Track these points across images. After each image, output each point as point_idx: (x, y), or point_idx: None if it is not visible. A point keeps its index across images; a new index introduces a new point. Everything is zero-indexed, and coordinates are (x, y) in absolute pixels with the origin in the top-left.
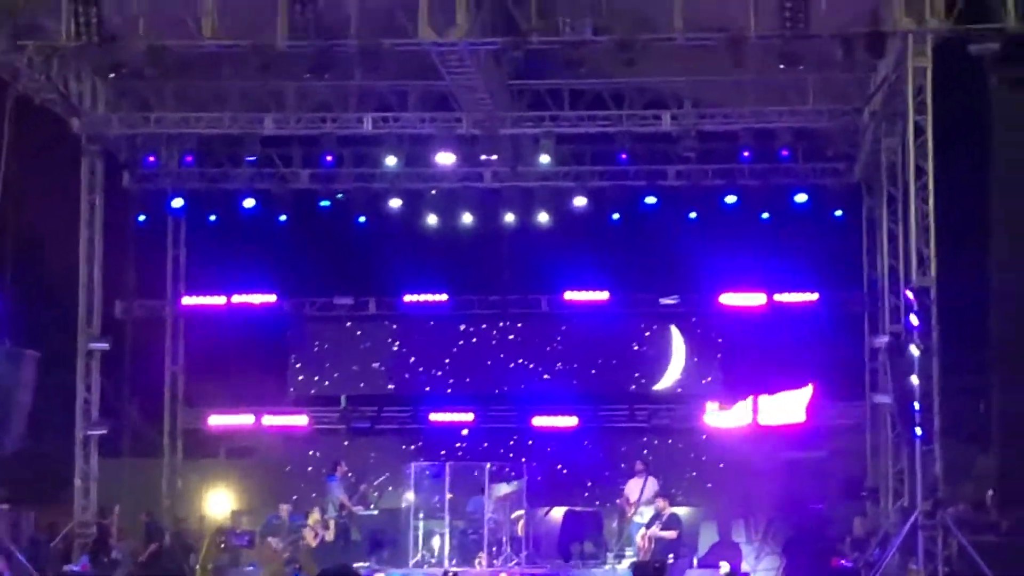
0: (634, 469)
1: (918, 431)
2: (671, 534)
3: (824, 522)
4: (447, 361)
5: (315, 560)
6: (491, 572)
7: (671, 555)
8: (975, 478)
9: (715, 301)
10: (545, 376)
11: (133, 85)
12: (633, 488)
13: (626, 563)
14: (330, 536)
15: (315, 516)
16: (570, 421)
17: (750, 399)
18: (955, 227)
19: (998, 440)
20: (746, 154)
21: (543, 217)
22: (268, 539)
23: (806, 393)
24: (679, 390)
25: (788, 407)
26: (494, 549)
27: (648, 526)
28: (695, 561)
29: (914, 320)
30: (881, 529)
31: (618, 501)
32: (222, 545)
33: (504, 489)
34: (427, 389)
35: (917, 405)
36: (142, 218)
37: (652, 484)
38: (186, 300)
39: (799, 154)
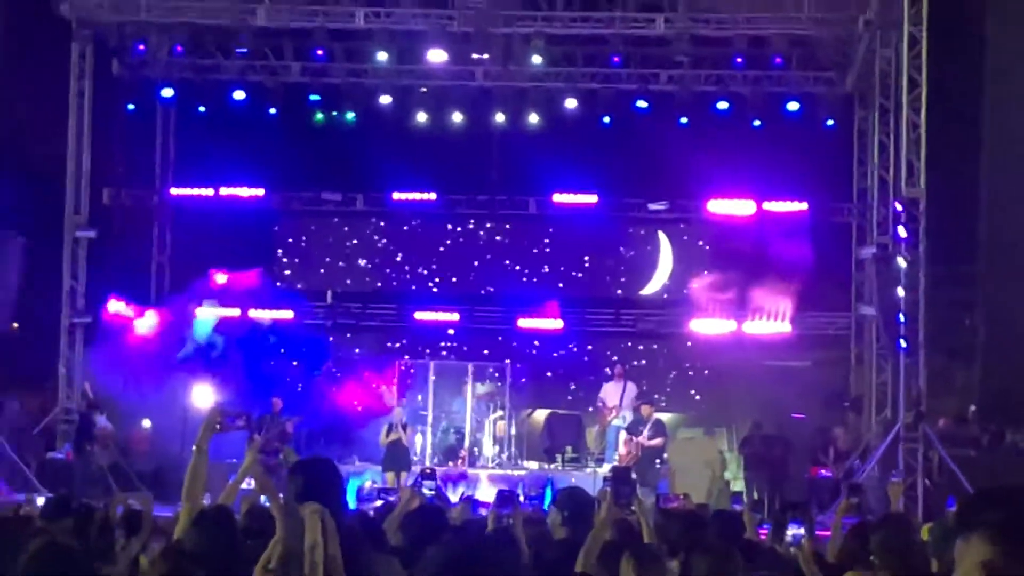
0: (612, 373)
1: (902, 343)
2: (659, 442)
3: (804, 431)
4: (434, 260)
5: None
6: (470, 472)
7: (657, 460)
8: (958, 392)
9: (703, 208)
10: (532, 279)
11: None
12: (611, 392)
13: (606, 467)
14: None
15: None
16: (555, 324)
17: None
18: (946, 140)
19: (982, 355)
20: (739, 60)
21: (533, 118)
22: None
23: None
24: (665, 296)
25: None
26: (476, 449)
27: (629, 431)
28: None
29: (902, 231)
30: (863, 440)
31: (598, 405)
32: (217, 427)
33: (482, 389)
34: (413, 287)
35: (902, 317)
36: (131, 107)
37: (632, 389)
38: (174, 191)
39: (792, 62)
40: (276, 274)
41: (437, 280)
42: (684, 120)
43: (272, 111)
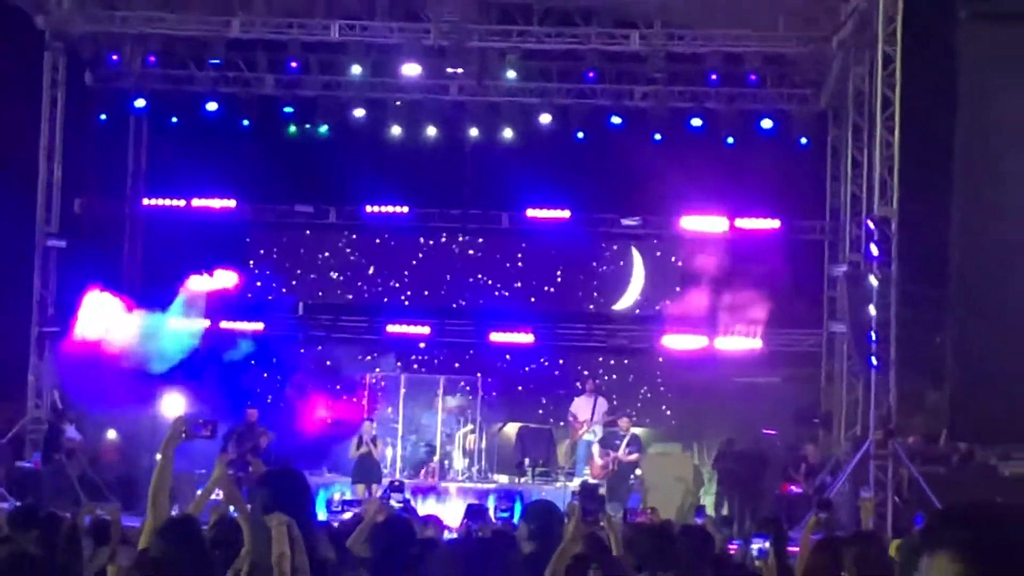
0: (583, 388)
1: (873, 361)
2: (635, 457)
3: (776, 447)
4: (406, 273)
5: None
6: (441, 485)
7: (632, 475)
8: (928, 410)
9: (676, 224)
10: (504, 292)
11: None
12: (582, 407)
13: (577, 481)
14: None
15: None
16: (527, 338)
17: (705, 338)
18: (919, 159)
19: (951, 375)
20: (713, 77)
21: (507, 133)
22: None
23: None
24: (637, 311)
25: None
26: (446, 462)
27: (605, 444)
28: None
29: (874, 249)
30: (833, 457)
31: (569, 420)
32: (183, 435)
33: (453, 402)
34: (385, 300)
35: (873, 335)
36: (103, 117)
37: (603, 404)
38: (146, 201)
39: (767, 79)
40: (247, 285)
41: (409, 293)
42: (658, 136)
43: (245, 123)
